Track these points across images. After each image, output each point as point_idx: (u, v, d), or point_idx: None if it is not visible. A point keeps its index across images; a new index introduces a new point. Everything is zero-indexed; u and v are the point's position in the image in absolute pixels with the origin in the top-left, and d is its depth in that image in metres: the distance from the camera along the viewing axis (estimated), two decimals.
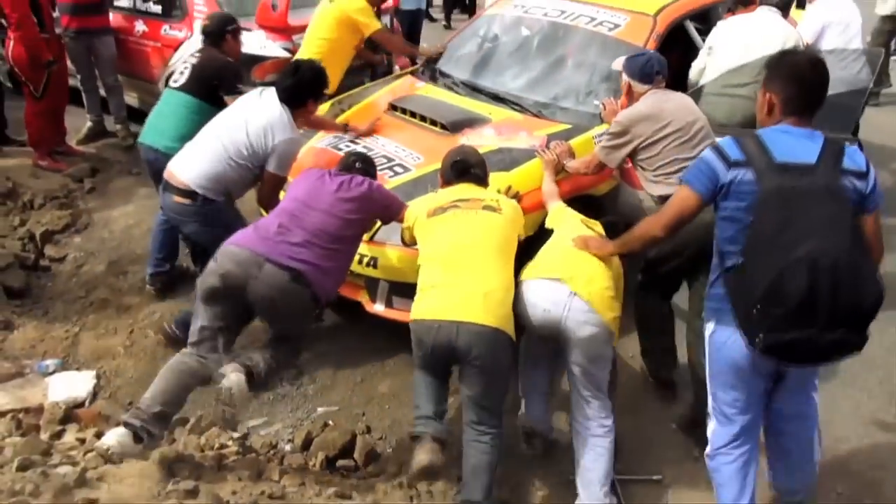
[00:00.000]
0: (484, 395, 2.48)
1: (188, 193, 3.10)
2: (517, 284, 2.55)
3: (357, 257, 3.06)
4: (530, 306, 2.49)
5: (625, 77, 3.13)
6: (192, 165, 3.13)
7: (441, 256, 2.59)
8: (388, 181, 3.32)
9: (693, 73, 3.96)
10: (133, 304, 3.88)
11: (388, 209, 2.95)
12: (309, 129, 3.74)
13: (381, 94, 4.18)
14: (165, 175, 3.19)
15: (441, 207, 2.67)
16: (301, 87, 3.14)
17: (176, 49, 5.34)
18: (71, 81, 5.48)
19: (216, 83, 3.57)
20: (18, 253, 4.15)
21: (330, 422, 3.06)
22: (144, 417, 2.48)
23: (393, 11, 5.77)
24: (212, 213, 3.14)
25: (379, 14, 4.65)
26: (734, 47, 3.70)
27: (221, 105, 3.47)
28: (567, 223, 2.79)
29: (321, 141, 3.84)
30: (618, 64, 3.29)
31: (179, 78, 3.63)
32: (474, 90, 4.02)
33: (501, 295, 2.47)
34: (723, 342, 2.17)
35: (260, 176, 3.21)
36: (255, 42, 4.94)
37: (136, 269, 4.14)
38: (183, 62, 3.72)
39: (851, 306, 1.90)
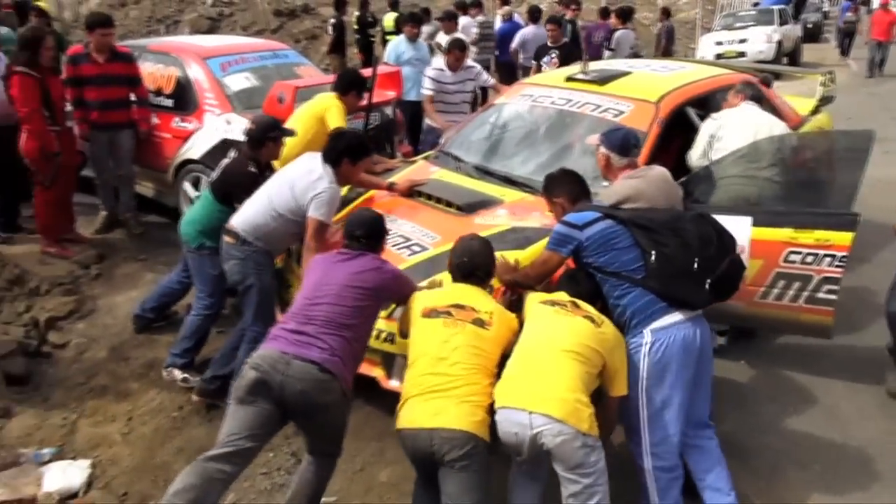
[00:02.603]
0: (463, 498, 2.45)
1: (232, 234, 3.50)
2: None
3: (374, 332, 3.09)
4: (502, 434, 2.50)
5: (603, 150, 3.28)
6: (241, 213, 3.55)
7: (423, 362, 2.62)
8: (406, 259, 3.45)
9: (693, 158, 4.16)
10: (133, 390, 3.86)
11: (402, 293, 2.97)
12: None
13: (396, 179, 4.29)
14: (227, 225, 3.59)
15: (435, 310, 2.70)
16: (338, 150, 3.53)
17: (185, 140, 5.53)
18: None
19: (230, 191, 3.77)
20: (21, 340, 4.15)
21: None
22: None
23: (395, 102, 5.98)
24: (249, 257, 3.47)
25: (368, 109, 5.03)
26: (744, 136, 3.95)
27: (234, 208, 3.68)
28: (533, 321, 2.73)
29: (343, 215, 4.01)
30: (593, 140, 3.44)
31: (214, 174, 3.98)
32: (486, 174, 4.21)
33: (477, 401, 2.51)
34: (666, 338, 2.63)
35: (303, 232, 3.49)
36: (236, 127, 5.18)
37: (137, 355, 4.14)
38: (225, 158, 4.02)
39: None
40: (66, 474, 3.22)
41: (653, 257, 2.67)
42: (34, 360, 4.11)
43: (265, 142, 3.86)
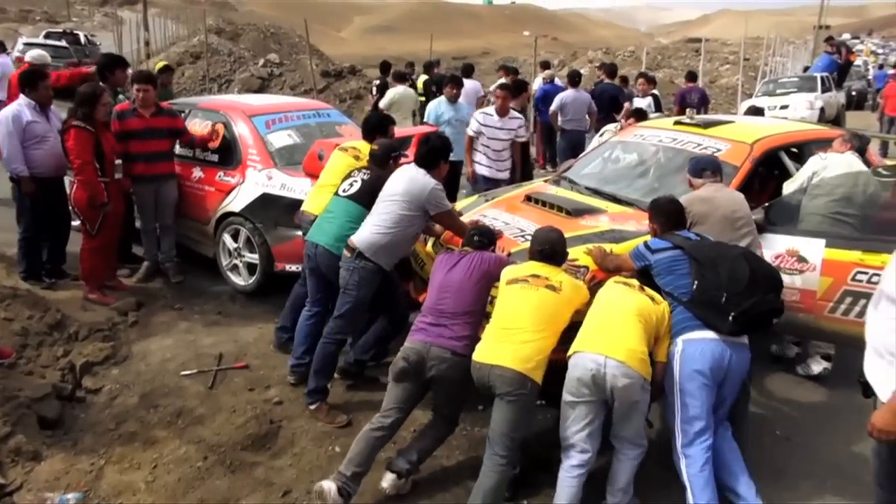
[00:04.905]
0: (504, 426, 3.13)
1: (350, 248, 3.95)
2: (569, 358, 3.13)
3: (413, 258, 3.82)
4: (576, 370, 3.07)
5: (687, 175, 4.15)
6: (360, 231, 3.99)
7: (500, 317, 3.28)
8: (519, 244, 4.16)
9: (790, 189, 4.61)
10: (160, 438, 3.89)
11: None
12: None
13: (520, 191, 5.22)
14: (348, 240, 4.01)
15: (517, 279, 3.34)
16: (434, 153, 4.03)
17: (227, 193, 5.70)
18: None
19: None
20: (57, 383, 4.24)
21: None
22: (344, 479, 3.21)
23: None
24: (356, 271, 3.92)
25: None
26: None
27: None
28: (606, 293, 3.33)
29: (472, 216, 4.72)
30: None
31: (349, 188, 4.28)
32: (596, 193, 4.96)
33: (532, 350, 3.12)
34: (695, 348, 3.10)
35: (418, 233, 4.14)
36: (276, 182, 5.47)
37: (166, 403, 4.19)
38: (352, 177, 4.34)
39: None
40: None
41: (694, 285, 3.19)
42: (68, 403, 4.18)
43: (388, 161, 4.33)
